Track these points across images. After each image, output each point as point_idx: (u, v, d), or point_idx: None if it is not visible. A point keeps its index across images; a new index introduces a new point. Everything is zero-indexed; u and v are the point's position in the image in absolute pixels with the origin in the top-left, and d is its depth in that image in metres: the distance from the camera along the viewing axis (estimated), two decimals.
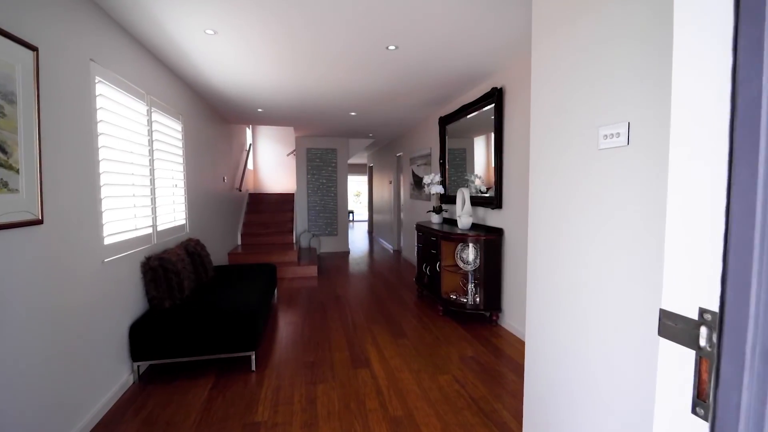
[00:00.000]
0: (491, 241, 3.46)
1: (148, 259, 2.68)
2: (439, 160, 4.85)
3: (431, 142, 5.37)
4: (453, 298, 3.72)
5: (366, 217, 14.64)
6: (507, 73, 3.34)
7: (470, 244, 3.55)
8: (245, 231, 6.56)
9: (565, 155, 1.50)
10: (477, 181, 4.09)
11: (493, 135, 3.58)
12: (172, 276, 2.73)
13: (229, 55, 2.96)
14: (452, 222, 4.41)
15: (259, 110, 4.90)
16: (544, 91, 1.63)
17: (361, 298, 4.50)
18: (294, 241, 6.65)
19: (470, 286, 3.62)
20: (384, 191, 9.06)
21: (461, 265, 3.67)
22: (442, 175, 4.72)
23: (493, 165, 3.57)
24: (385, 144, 8.58)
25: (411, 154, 6.39)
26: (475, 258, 3.55)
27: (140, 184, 2.71)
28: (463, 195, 3.85)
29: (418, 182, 6.02)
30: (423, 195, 5.78)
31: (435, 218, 4.51)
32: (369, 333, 3.36)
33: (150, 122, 2.84)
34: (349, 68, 3.25)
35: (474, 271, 3.56)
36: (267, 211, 7.10)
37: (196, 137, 4.06)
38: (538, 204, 1.68)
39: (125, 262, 2.47)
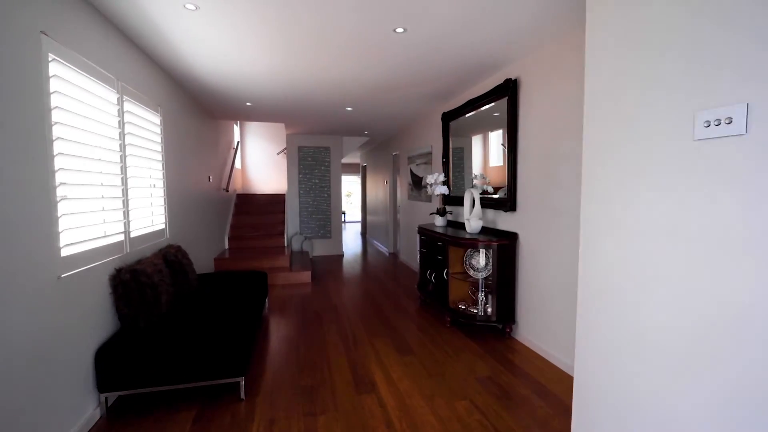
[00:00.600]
0: (504, 246, 3.16)
1: (119, 271, 2.31)
2: (442, 158, 4.55)
3: (432, 140, 5.07)
4: (461, 309, 3.42)
5: (357, 218, 14.30)
6: (523, 62, 3.05)
7: (481, 250, 3.26)
8: (233, 234, 6.17)
9: (638, 147, 1.20)
10: (477, 181, 3.80)
11: (502, 131, 3.30)
12: (147, 290, 2.37)
13: (212, 37, 2.61)
14: (457, 225, 4.12)
15: (248, 104, 4.53)
16: (605, 64, 1.33)
17: (359, 307, 4.17)
18: (285, 244, 6.29)
19: (480, 296, 3.32)
20: (379, 192, 8.74)
21: (471, 272, 3.37)
22: (446, 174, 4.41)
23: (506, 164, 3.28)
24: (380, 142, 8.27)
25: (409, 152, 6.09)
26: (486, 265, 3.26)
27: (110, 184, 2.34)
28: (472, 196, 3.55)
29: (417, 182, 5.71)
30: (423, 196, 5.47)
31: (439, 221, 4.21)
32: (372, 349, 3.04)
33: (121, 113, 2.47)
34: (349, 55, 2.92)
35: (485, 278, 3.27)
36: (256, 213, 6.72)
37: (177, 132, 3.68)
38: (595, 210, 1.38)
39: (90, 275, 2.10)
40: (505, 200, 3.30)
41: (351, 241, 9.62)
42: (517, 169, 3.19)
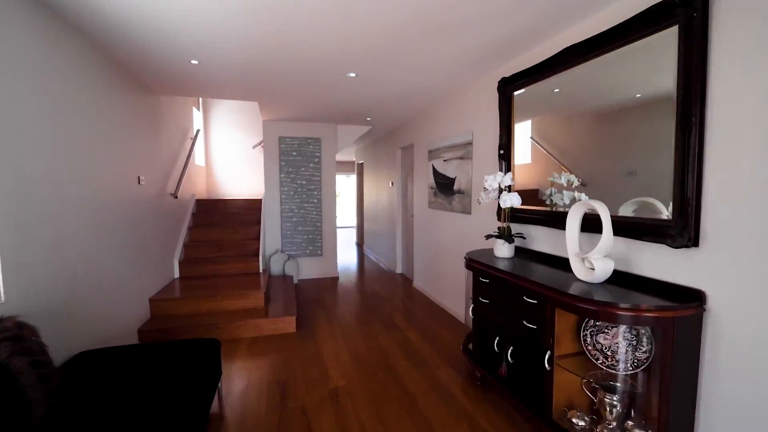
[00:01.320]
0: (681, 321, 1.59)
1: None
2: (499, 150, 2.96)
3: (473, 125, 3.50)
4: (579, 427, 1.84)
5: (347, 223, 12.65)
6: None
7: (627, 323, 1.68)
8: (188, 256, 4.48)
9: None
10: (558, 185, 2.29)
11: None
12: None
13: None
14: (530, 254, 2.55)
15: (193, 62, 2.86)
16: None
17: (375, 393, 2.55)
18: (261, 269, 4.62)
19: (615, 404, 1.76)
20: (381, 195, 7.13)
21: (600, 360, 1.80)
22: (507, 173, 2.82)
23: (675, 154, 1.71)
24: (383, 134, 6.66)
25: (431, 144, 4.49)
26: (635, 351, 1.70)
27: None
28: (585, 210, 1.98)
29: (445, 185, 4.12)
30: (455, 204, 3.88)
31: (502, 249, 2.61)
32: None
33: None
34: None
35: (630, 375, 1.70)
36: (222, 225, 5.03)
37: (55, 102, 2.00)
38: None
39: None
40: (667, 224, 1.74)
41: (344, 254, 7.99)
42: (704, 164, 1.63)
